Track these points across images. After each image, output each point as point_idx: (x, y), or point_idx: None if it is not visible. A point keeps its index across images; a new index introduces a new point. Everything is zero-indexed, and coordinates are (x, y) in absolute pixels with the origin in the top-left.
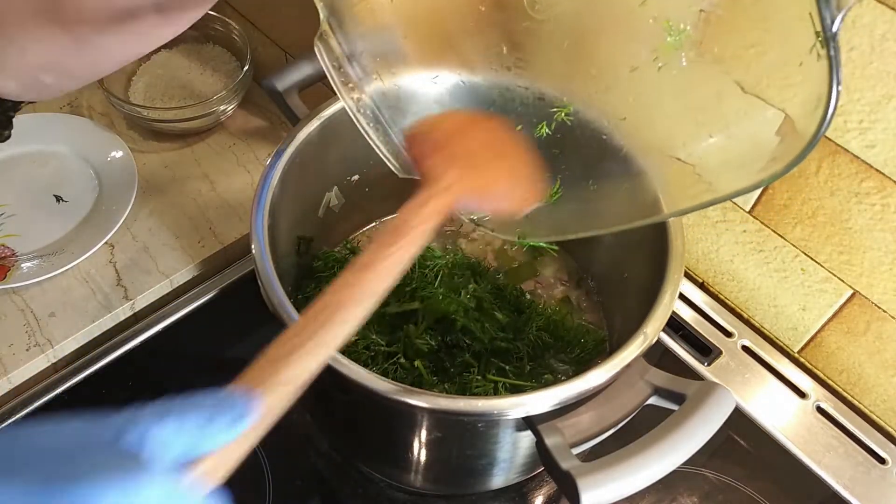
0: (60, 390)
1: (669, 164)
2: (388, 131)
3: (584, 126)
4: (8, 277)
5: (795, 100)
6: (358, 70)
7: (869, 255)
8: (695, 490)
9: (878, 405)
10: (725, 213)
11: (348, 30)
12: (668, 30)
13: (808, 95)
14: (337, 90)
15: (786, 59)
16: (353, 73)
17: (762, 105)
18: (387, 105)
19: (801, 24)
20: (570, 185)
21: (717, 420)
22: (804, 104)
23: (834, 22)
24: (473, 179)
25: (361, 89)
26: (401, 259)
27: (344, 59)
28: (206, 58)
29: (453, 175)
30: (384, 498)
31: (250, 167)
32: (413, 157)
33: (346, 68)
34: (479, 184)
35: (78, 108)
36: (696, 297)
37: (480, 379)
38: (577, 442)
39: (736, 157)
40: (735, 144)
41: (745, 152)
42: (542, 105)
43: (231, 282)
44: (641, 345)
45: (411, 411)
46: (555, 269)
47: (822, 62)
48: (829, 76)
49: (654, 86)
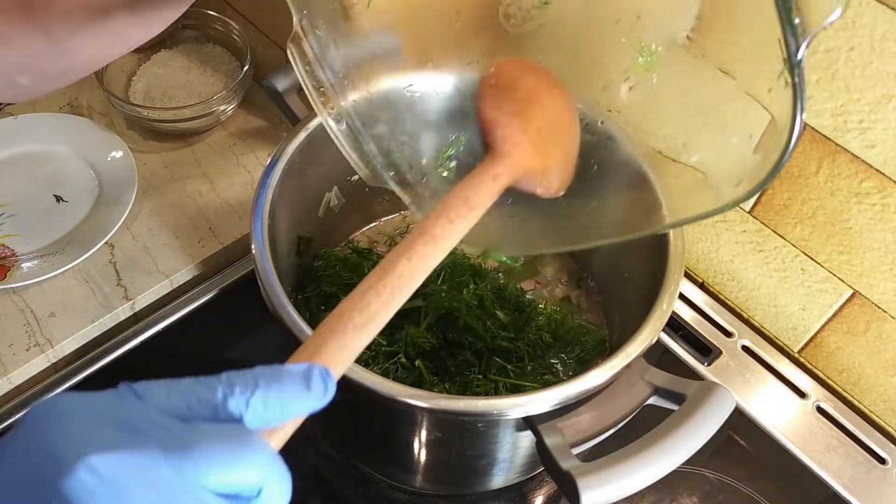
0: (60, 390)
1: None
2: (358, 137)
3: None
4: (8, 277)
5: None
6: (330, 75)
7: (869, 255)
8: (695, 490)
9: (878, 405)
10: (725, 213)
11: (322, 33)
12: (640, 50)
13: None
14: (308, 94)
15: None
16: (326, 77)
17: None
18: (358, 111)
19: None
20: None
21: (717, 420)
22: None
23: (799, 49)
24: (539, 160)
25: (334, 94)
26: (463, 231)
27: (316, 63)
28: (206, 58)
29: (523, 151)
30: (384, 498)
31: (250, 167)
32: (485, 117)
33: (318, 73)
34: (541, 165)
35: (78, 108)
36: (696, 297)
37: (482, 378)
38: (577, 442)
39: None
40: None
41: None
42: None
43: (231, 282)
44: (641, 345)
45: (411, 411)
46: (555, 269)
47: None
48: (792, 102)
49: (625, 105)
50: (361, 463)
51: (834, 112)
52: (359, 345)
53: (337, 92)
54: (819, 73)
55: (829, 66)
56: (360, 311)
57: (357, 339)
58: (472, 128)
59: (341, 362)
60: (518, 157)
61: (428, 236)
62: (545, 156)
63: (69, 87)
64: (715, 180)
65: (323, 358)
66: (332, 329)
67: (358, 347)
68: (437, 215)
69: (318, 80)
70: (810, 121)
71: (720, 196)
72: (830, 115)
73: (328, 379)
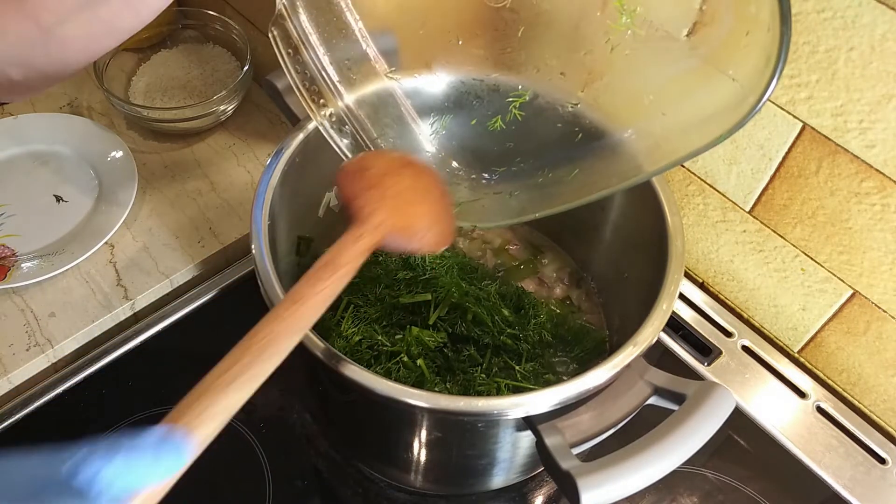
0: (60, 390)
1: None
2: (343, 120)
3: (541, 114)
4: (8, 277)
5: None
6: (314, 55)
7: (869, 255)
8: (695, 490)
9: (878, 405)
10: (725, 213)
11: (305, 16)
12: (620, 10)
13: (756, 61)
14: (290, 76)
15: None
16: (309, 58)
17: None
18: (341, 94)
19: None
20: (526, 175)
21: (717, 420)
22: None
23: None
24: (400, 219)
25: (317, 77)
26: (331, 293)
27: (300, 44)
28: (206, 58)
29: (382, 215)
30: (384, 498)
31: (250, 167)
32: (344, 195)
33: (301, 55)
34: (405, 223)
35: (78, 108)
36: (696, 297)
37: (484, 378)
38: (577, 442)
39: (697, 120)
40: (696, 109)
41: (705, 115)
42: (498, 96)
43: (231, 282)
44: (641, 345)
45: (411, 411)
46: (555, 268)
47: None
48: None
49: (610, 63)
50: (361, 463)
51: (834, 112)
52: (226, 404)
53: (319, 73)
54: (819, 73)
55: (829, 66)
56: (224, 372)
57: (223, 399)
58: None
59: (205, 422)
60: (378, 220)
61: (291, 299)
62: (407, 215)
63: (69, 87)
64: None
65: (185, 419)
66: (197, 391)
67: (225, 407)
68: (303, 280)
69: (301, 63)
70: (810, 121)
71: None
72: (830, 115)
73: (182, 446)
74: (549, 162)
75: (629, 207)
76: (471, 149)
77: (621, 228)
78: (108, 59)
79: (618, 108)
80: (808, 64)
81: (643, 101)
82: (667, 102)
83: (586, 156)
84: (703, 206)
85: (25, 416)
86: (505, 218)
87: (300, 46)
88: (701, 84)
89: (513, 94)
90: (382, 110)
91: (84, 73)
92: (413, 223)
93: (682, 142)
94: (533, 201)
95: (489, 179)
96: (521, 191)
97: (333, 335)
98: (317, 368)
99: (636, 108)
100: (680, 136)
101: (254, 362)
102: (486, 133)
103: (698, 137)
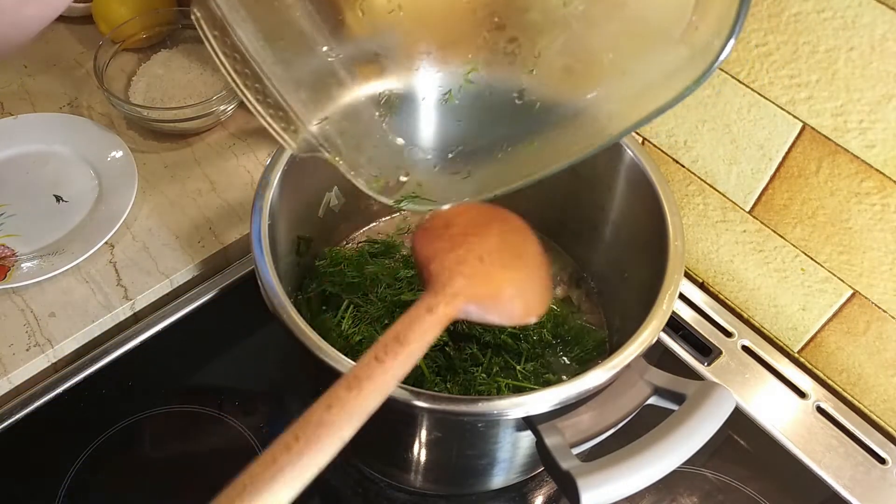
0: (60, 390)
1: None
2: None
3: (494, 86)
4: (8, 277)
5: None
6: (243, 38)
7: (869, 255)
8: (695, 490)
9: (878, 405)
10: (725, 213)
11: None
12: None
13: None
14: (217, 59)
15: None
16: (238, 41)
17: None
18: (276, 77)
19: None
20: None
21: (717, 420)
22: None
23: None
24: (482, 287)
25: (246, 58)
26: (397, 368)
27: (226, 24)
28: (206, 58)
29: (461, 281)
30: (384, 498)
31: (250, 167)
32: (419, 258)
33: (228, 37)
34: (487, 291)
35: (78, 108)
36: (696, 297)
37: (485, 377)
38: (577, 442)
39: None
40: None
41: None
42: (447, 69)
43: (231, 282)
44: (641, 345)
45: (411, 411)
46: (555, 269)
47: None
48: None
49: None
50: (361, 463)
51: (834, 112)
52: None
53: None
54: (819, 73)
55: (829, 66)
56: (265, 466)
57: (268, 494)
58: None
59: None
60: (456, 288)
61: (351, 378)
62: (491, 281)
63: (69, 87)
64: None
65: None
66: (240, 483)
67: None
68: (366, 357)
69: (228, 46)
70: (810, 121)
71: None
72: (830, 115)
73: None
74: (507, 137)
75: (629, 207)
76: (423, 128)
77: (621, 228)
78: (108, 59)
79: (577, 71)
80: (808, 64)
81: (602, 61)
82: (627, 60)
83: (545, 127)
84: (703, 206)
85: (25, 416)
86: (465, 195)
87: (227, 27)
88: (656, 43)
89: (463, 64)
90: (325, 94)
91: (84, 73)
92: (497, 292)
93: (646, 100)
94: (494, 177)
95: (445, 159)
96: (479, 169)
97: (333, 335)
98: (317, 368)
99: (596, 68)
100: (644, 93)
101: (303, 454)
102: (439, 110)
103: (663, 93)
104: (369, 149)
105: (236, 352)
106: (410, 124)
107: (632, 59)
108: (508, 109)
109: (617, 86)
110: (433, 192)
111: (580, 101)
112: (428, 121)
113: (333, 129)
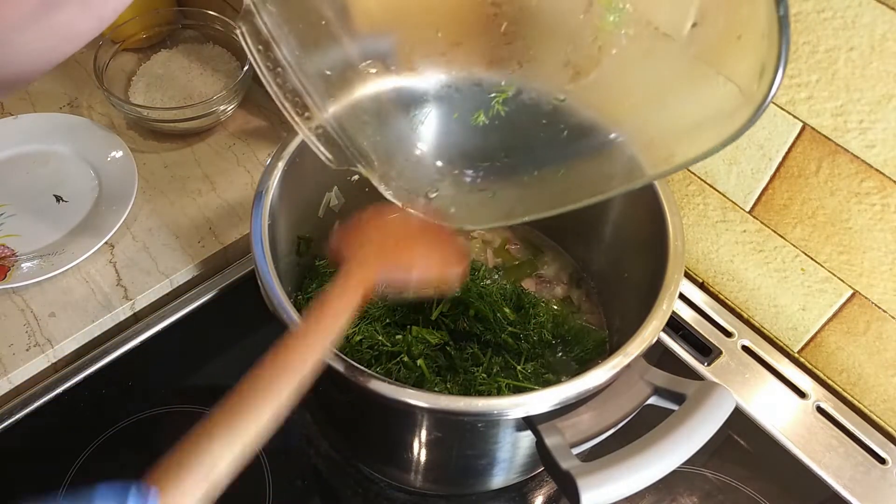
0: (60, 390)
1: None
2: (317, 115)
3: (525, 110)
4: (8, 277)
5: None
6: (286, 52)
7: (869, 255)
8: (695, 490)
9: (878, 405)
10: (725, 213)
11: (275, 9)
12: (608, 8)
13: (749, 67)
14: (261, 73)
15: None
16: (281, 55)
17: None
18: (315, 90)
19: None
20: (510, 172)
21: (717, 420)
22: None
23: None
24: (389, 253)
25: (288, 73)
26: (325, 337)
27: (270, 40)
28: (206, 58)
29: (367, 252)
30: (384, 498)
31: (250, 167)
32: (332, 253)
33: (272, 51)
34: (395, 258)
35: (78, 108)
36: (696, 297)
37: (485, 377)
38: (577, 442)
39: (692, 125)
40: (691, 112)
41: (700, 120)
42: (480, 91)
43: (231, 282)
44: (641, 345)
45: (411, 411)
46: (555, 268)
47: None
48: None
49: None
50: (361, 463)
51: (834, 112)
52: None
53: (291, 70)
54: (819, 73)
55: (829, 66)
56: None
57: (196, 459)
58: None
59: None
60: (362, 256)
61: (281, 344)
62: (396, 248)
63: (69, 87)
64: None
65: (154, 478)
66: (175, 455)
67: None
68: (300, 328)
69: (272, 60)
70: (810, 121)
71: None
72: (830, 115)
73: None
74: (534, 160)
75: (629, 207)
76: (452, 144)
77: (621, 228)
78: (108, 59)
79: (606, 106)
80: (808, 64)
81: (633, 100)
82: (658, 103)
83: (573, 155)
84: (703, 206)
85: (25, 416)
86: (492, 220)
87: (270, 42)
88: (693, 86)
89: (496, 90)
90: (360, 108)
91: (84, 73)
92: (405, 255)
93: (677, 147)
94: (521, 202)
95: (473, 176)
96: (505, 189)
97: None
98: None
99: (625, 106)
100: (675, 140)
101: (245, 413)
102: (468, 128)
103: (692, 145)
104: (400, 161)
105: (236, 352)
106: (439, 139)
107: (663, 103)
108: (535, 132)
109: (648, 127)
110: (461, 212)
111: (607, 135)
112: (456, 136)
113: (369, 144)
